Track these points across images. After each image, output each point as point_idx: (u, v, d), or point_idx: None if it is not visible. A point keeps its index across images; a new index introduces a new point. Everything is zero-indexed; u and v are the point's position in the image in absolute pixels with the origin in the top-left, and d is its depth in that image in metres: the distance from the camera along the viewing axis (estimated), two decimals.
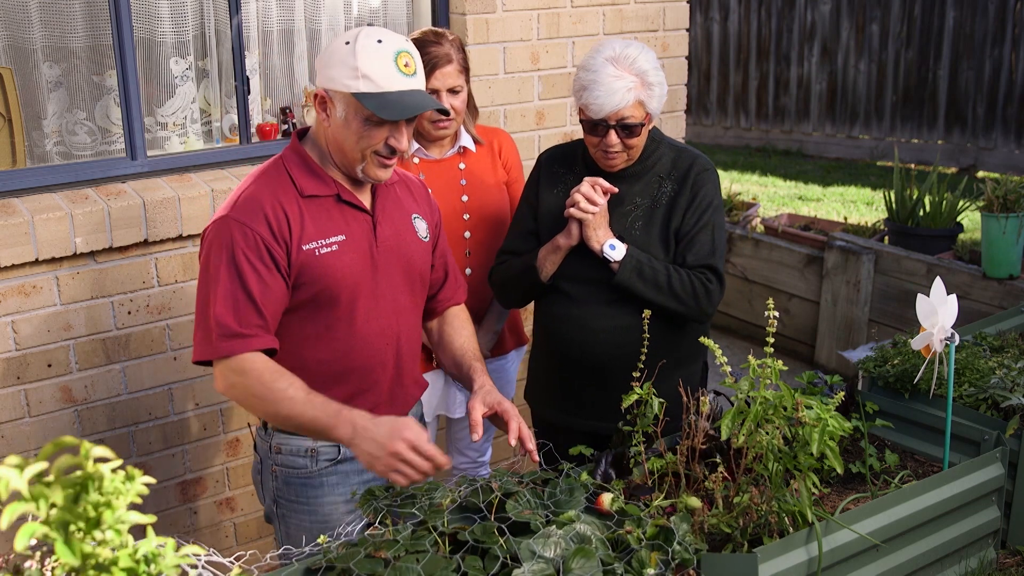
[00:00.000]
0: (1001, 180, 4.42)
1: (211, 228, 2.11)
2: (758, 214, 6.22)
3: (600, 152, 2.53)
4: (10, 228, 2.77)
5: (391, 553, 1.66)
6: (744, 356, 1.98)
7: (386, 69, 2.06)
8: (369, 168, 2.14)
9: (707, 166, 2.60)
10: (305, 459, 2.24)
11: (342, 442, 2.03)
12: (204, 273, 2.10)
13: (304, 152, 2.19)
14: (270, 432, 2.26)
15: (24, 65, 3.09)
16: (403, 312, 2.28)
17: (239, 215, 2.08)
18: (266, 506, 2.35)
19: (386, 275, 2.22)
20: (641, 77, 2.44)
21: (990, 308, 4.43)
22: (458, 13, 3.53)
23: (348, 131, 2.10)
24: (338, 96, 2.09)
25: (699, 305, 2.50)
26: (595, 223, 2.49)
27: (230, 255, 2.05)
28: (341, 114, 2.09)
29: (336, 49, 2.10)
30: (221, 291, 2.05)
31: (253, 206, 2.09)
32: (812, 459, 1.84)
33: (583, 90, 2.46)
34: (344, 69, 2.06)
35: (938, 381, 2.36)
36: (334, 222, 2.15)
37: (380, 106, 2.05)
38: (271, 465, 2.27)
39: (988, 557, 2.21)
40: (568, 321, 2.58)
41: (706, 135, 10.70)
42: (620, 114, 2.43)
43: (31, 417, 2.94)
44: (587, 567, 1.63)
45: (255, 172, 2.19)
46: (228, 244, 2.06)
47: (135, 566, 0.95)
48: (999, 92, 8.64)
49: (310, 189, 2.14)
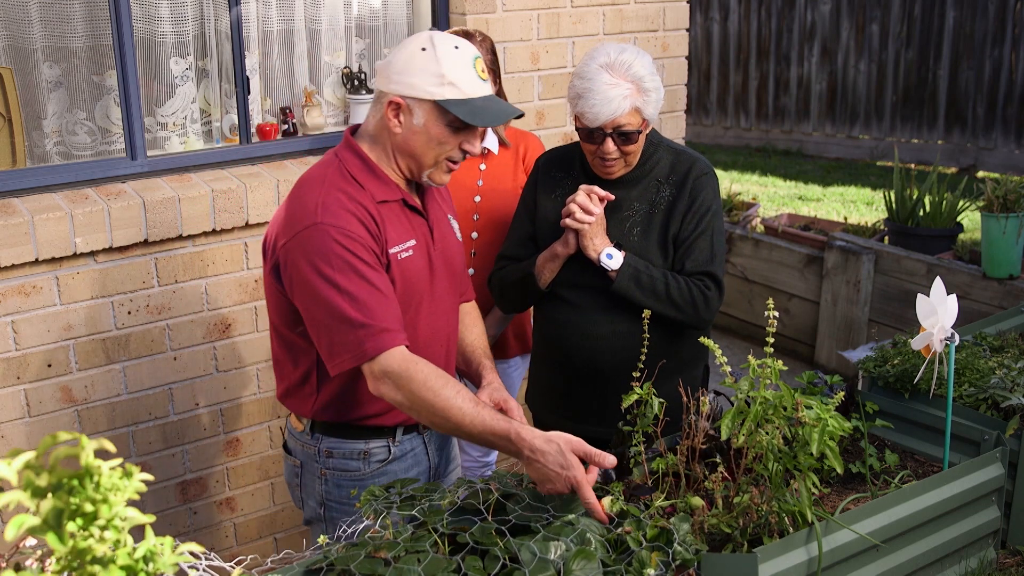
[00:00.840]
0: (1001, 180, 4.42)
1: (302, 238, 2.02)
2: (758, 214, 6.23)
3: (597, 160, 2.50)
4: (10, 228, 2.77)
5: (391, 554, 1.66)
6: (744, 356, 1.98)
7: (469, 75, 2.06)
8: (436, 173, 2.14)
9: (706, 169, 2.58)
10: (358, 462, 2.24)
11: (514, 453, 1.94)
12: (315, 283, 2.00)
13: (364, 154, 2.14)
14: (317, 436, 2.25)
15: (24, 65, 3.09)
16: (451, 312, 2.31)
17: (334, 220, 2.01)
18: (309, 509, 2.33)
19: (440, 277, 2.25)
20: (637, 83, 2.41)
21: (990, 308, 4.43)
22: (458, 13, 3.53)
23: (426, 138, 2.08)
24: (417, 104, 2.06)
25: (697, 313, 2.49)
26: (592, 232, 2.47)
27: (342, 260, 1.99)
28: (420, 121, 2.07)
29: (413, 55, 2.05)
30: (351, 293, 1.98)
31: (342, 210, 2.03)
32: (812, 459, 1.84)
33: (578, 98, 2.43)
34: (427, 76, 2.03)
35: (938, 381, 2.36)
36: (404, 226, 2.15)
37: (470, 113, 2.05)
38: (319, 469, 2.27)
39: (988, 557, 2.21)
40: (567, 327, 2.58)
41: (706, 135, 10.71)
42: (616, 122, 2.41)
43: (31, 417, 2.94)
44: (588, 568, 1.62)
45: (317, 177, 2.11)
46: (335, 250, 1.99)
47: (133, 564, 0.95)
48: (999, 92, 8.64)
49: (381, 194, 2.11)
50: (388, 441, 2.26)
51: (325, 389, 2.21)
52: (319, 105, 3.59)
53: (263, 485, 3.44)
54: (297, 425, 2.31)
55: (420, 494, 1.91)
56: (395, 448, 2.27)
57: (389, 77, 2.08)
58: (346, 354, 2.01)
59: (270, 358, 3.33)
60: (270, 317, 2.26)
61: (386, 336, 1.98)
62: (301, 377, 2.23)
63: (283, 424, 3.43)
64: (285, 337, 2.22)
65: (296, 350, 2.21)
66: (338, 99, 3.70)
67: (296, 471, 2.33)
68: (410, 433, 2.30)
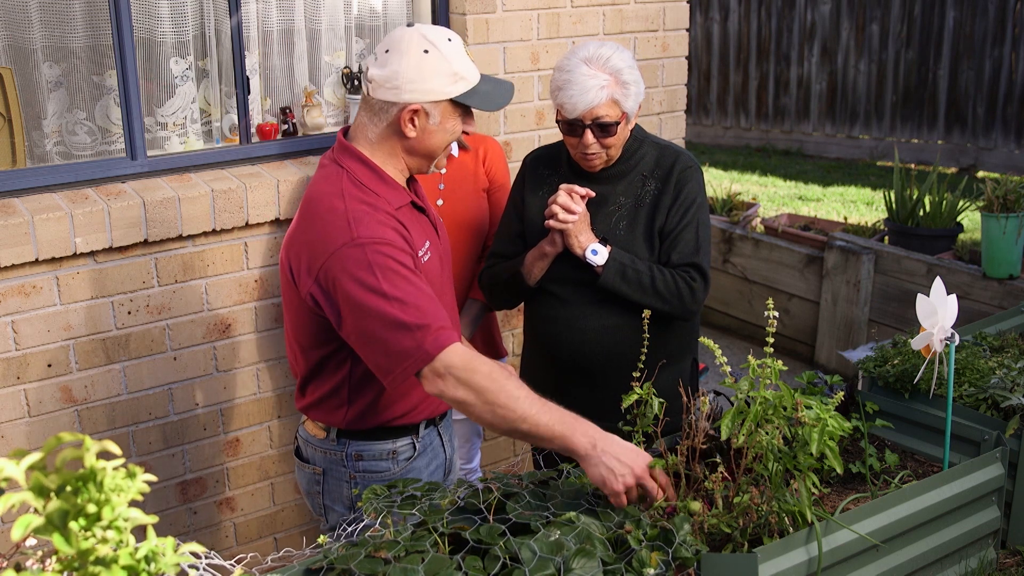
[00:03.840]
0: (1001, 180, 4.42)
1: (342, 256, 1.98)
2: (758, 214, 6.22)
3: (580, 154, 2.54)
4: (10, 228, 2.77)
5: (391, 553, 1.66)
6: (744, 356, 1.98)
7: (468, 63, 2.09)
8: (441, 160, 2.17)
9: (690, 163, 2.61)
10: (387, 462, 2.25)
11: (576, 452, 1.88)
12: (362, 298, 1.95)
13: (367, 159, 2.11)
14: (343, 442, 2.24)
15: (24, 65, 3.09)
16: (454, 306, 2.34)
17: (369, 232, 1.98)
18: (335, 515, 2.30)
19: (446, 272, 2.28)
20: (615, 75, 2.44)
21: (990, 308, 4.43)
22: (458, 13, 3.53)
23: (443, 134, 2.10)
24: (434, 105, 2.06)
25: (683, 304, 2.52)
26: (576, 229, 2.50)
27: (385, 268, 1.95)
28: (436, 120, 2.07)
29: (421, 61, 2.03)
30: (400, 299, 1.94)
31: (374, 222, 2.00)
32: (812, 459, 1.84)
33: (558, 90, 2.47)
34: (442, 77, 2.04)
35: (938, 381, 2.36)
36: (419, 229, 2.16)
37: (483, 101, 2.08)
38: (347, 473, 2.26)
39: (988, 557, 2.21)
40: (556, 322, 2.60)
41: (706, 135, 10.71)
42: (594, 112, 2.44)
43: (31, 417, 2.94)
44: (588, 567, 1.63)
45: (333, 192, 2.06)
46: (377, 261, 1.96)
47: (135, 564, 0.95)
48: (999, 92, 8.64)
49: (395, 200, 2.10)
50: (412, 438, 2.28)
51: (357, 401, 2.20)
52: (319, 105, 3.59)
53: (263, 485, 3.44)
54: (317, 432, 2.28)
55: (421, 494, 1.91)
56: (419, 444, 2.29)
57: (400, 87, 2.03)
58: (407, 361, 1.94)
59: (270, 358, 3.34)
60: (294, 336, 2.21)
61: (443, 333, 1.94)
62: (330, 392, 2.21)
63: (283, 424, 3.43)
64: (315, 358, 2.19)
65: (326, 367, 2.18)
66: (338, 99, 3.70)
67: (317, 479, 2.31)
68: (429, 428, 2.31)
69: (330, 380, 2.19)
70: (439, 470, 2.35)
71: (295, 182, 3.22)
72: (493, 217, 3.13)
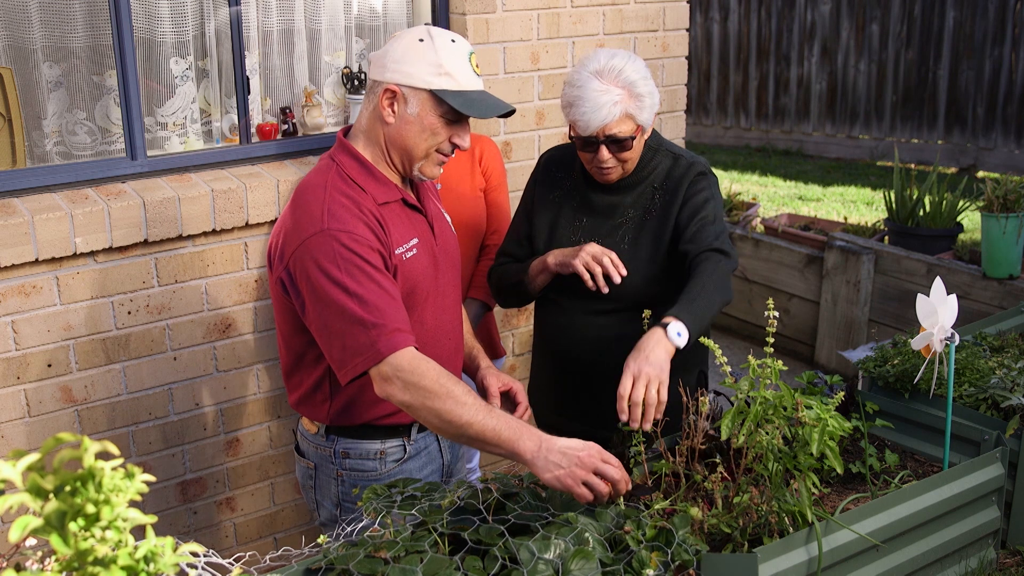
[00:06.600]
0: (1001, 180, 4.42)
1: (310, 245, 2.00)
2: (758, 214, 6.22)
3: (595, 168, 2.48)
4: (10, 228, 2.77)
5: (391, 553, 1.66)
6: (744, 356, 1.98)
7: (464, 68, 2.07)
8: (426, 166, 2.15)
9: (702, 169, 2.53)
10: (374, 462, 2.25)
11: (523, 456, 1.88)
12: (324, 287, 1.98)
13: (360, 155, 2.14)
14: (332, 438, 2.25)
15: (24, 65, 3.09)
16: (456, 307, 2.33)
17: (340, 225, 2.00)
18: (325, 512, 2.33)
19: (443, 272, 2.26)
20: (628, 89, 2.36)
21: (990, 308, 4.43)
22: (458, 13, 3.53)
23: (419, 128, 2.09)
24: (413, 92, 2.07)
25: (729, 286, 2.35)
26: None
27: (350, 263, 1.98)
28: (414, 110, 2.07)
29: (410, 45, 2.06)
30: (360, 296, 1.97)
31: (347, 215, 2.02)
32: (812, 459, 1.84)
33: (570, 106, 2.40)
34: (425, 65, 2.04)
35: (938, 381, 2.36)
36: (406, 226, 2.15)
37: (465, 104, 2.06)
38: (335, 470, 2.27)
39: (988, 557, 2.21)
40: (563, 330, 2.58)
41: (706, 135, 10.70)
42: (608, 129, 2.36)
43: (31, 417, 2.94)
44: (587, 568, 1.62)
45: (318, 183, 2.09)
46: (342, 254, 1.98)
47: (134, 564, 0.95)
48: (999, 92, 8.64)
49: (381, 196, 2.11)
50: (404, 440, 2.27)
51: (339, 395, 2.20)
52: (319, 105, 3.59)
53: (263, 485, 3.44)
54: (310, 428, 2.30)
55: (421, 494, 1.91)
56: (410, 447, 2.28)
57: (385, 66, 2.08)
58: (358, 358, 1.97)
59: (270, 358, 3.34)
60: (279, 327, 2.24)
61: (398, 336, 1.97)
62: (313, 385, 2.22)
63: (283, 424, 3.43)
64: (295, 347, 2.21)
65: (307, 359, 2.20)
66: (338, 99, 3.70)
67: (310, 473, 2.32)
68: (424, 431, 2.30)
69: (311, 373, 2.21)
70: (434, 476, 2.33)
71: (295, 182, 3.22)
72: (490, 217, 3.13)
